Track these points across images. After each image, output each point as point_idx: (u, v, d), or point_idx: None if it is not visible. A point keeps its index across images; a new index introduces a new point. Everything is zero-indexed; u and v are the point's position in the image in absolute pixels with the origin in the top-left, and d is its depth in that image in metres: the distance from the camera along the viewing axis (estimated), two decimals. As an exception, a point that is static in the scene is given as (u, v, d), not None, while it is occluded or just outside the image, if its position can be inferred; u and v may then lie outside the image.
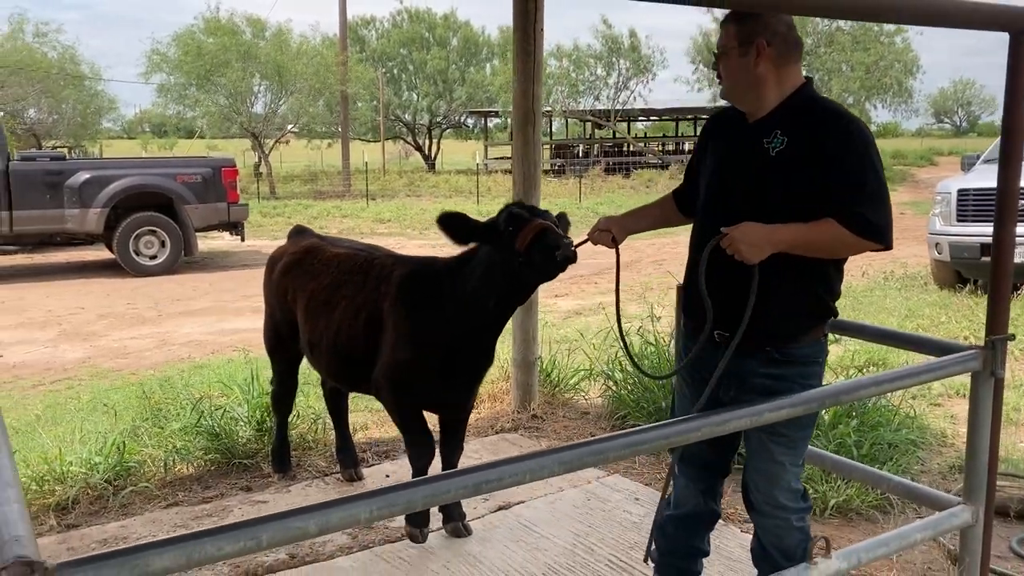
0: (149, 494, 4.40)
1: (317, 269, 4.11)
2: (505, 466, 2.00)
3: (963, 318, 8.60)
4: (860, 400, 4.58)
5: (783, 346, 2.65)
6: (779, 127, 2.59)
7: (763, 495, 2.80)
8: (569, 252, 2.99)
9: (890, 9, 2.44)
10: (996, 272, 2.96)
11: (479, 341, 3.55)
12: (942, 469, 4.74)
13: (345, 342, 3.84)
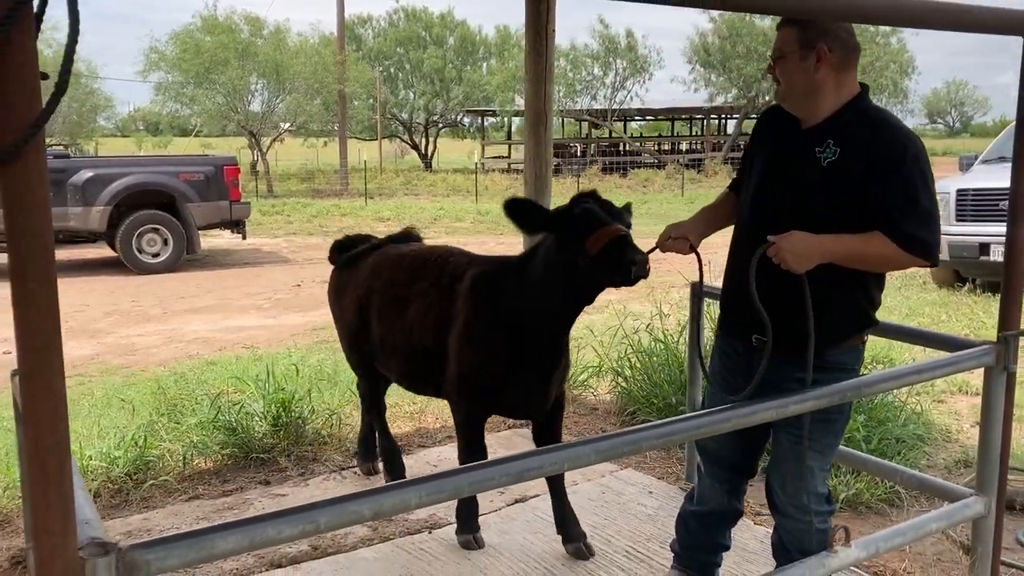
0: (169, 487, 4.46)
1: (386, 270, 4.00)
2: (544, 455, 2.08)
3: (963, 316, 8.70)
4: (880, 393, 4.66)
5: (821, 352, 2.63)
6: (832, 137, 2.58)
7: (789, 498, 2.84)
8: (644, 271, 2.83)
9: (907, 14, 2.51)
10: (1009, 270, 3.03)
11: (545, 340, 3.33)
12: (948, 464, 4.82)
13: (416, 342, 3.71)
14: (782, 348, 2.61)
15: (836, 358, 2.71)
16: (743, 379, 2.77)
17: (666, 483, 4.47)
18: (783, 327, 2.59)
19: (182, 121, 37.20)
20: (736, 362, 2.88)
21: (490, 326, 3.38)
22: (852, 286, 2.65)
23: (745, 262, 2.64)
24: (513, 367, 3.36)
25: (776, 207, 2.67)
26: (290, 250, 16.48)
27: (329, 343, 8.22)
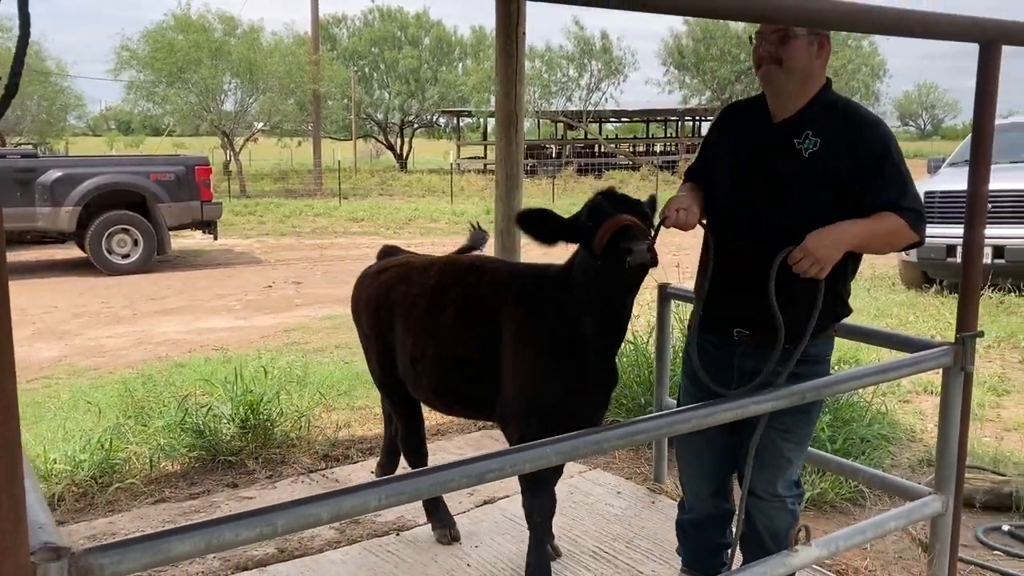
0: (135, 490, 4.43)
1: (416, 277, 3.61)
2: (506, 456, 2.08)
3: (930, 317, 8.82)
4: (842, 394, 4.72)
5: (800, 344, 2.69)
6: (809, 128, 2.64)
7: (766, 487, 2.90)
8: (644, 257, 2.55)
9: (870, 21, 2.55)
10: (966, 273, 3.09)
11: (599, 353, 3.06)
12: (912, 463, 4.89)
13: (454, 353, 3.37)
14: (766, 341, 2.67)
15: (815, 349, 2.77)
16: (720, 373, 2.82)
17: (634, 483, 4.49)
18: (767, 321, 2.64)
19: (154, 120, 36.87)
20: (713, 356, 2.90)
21: (545, 343, 3.08)
22: (834, 275, 2.68)
23: (726, 257, 2.70)
24: (573, 386, 3.06)
25: (754, 199, 2.70)
26: (262, 251, 16.38)
27: (300, 345, 8.20)
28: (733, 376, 2.85)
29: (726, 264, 2.80)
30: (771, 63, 2.65)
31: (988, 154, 2.97)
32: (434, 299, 3.46)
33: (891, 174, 2.62)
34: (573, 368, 3.04)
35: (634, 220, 2.67)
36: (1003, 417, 5.75)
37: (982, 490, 4.29)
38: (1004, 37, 2.80)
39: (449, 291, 3.44)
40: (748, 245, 2.72)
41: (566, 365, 3.04)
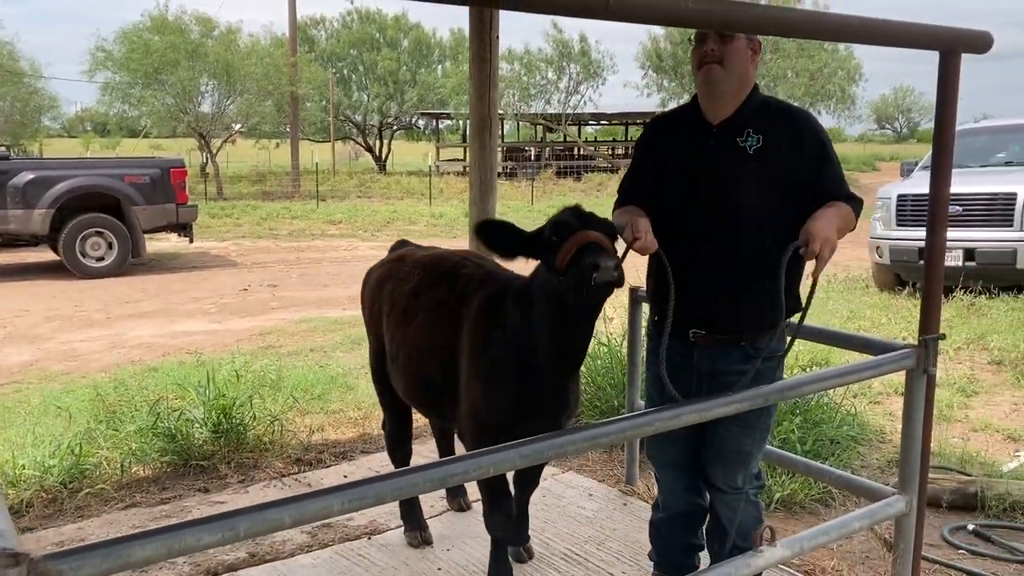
0: (106, 496, 4.40)
1: (403, 275, 3.60)
2: (469, 460, 2.10)
3: (902, 319, 8.91)
4: (804, 396, 4.76)
5: (756, 340, 2.81)
6: (749, 127, 2.73)
7: (727, 480, 2.97)
8: (610, 275, 2.42)
9: (836, 30, 2.60)
10: (929, 275, 3.14)
11: (549, 378, 2.93)
12: (881, 464, 4.95)
13: (419, 360, 3.36)
14: (722, 339, 2.77)
15: (772, 344, 2.83)
16: (681, 376, 2.85)
17: (607, 486, 4.52)
18: (723, 319, 2.72)
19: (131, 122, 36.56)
20: (676, 362, 2.92)
21: (494, 358, 2.99)
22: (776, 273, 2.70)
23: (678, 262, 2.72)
24: (519, 408, 2.96)
25: (702, 202, 2.76)
26: (238, 253, 16.30)
27: (274, 348, 8.17)
28: (693, 378, 2.89)
29: (679, 268, 2.79)
30: (713, 62, 2.71)
31: (949, 158, 3.04)
32: (411, 303, 3.46)
33: (833, 166, 2.78)
34: (522, 392, 2.94)
35: (601, 236, 2.57)
36: (971, 418, 5.83)
37: (948, 490, 4.35)
38: (963, 45, 2.86)
39: (423, 296, 3.42)
40: (700, 247, 2.78)
41: (515, 389, 2.94)
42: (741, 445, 2.90)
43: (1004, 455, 5.14)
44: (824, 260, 2.54)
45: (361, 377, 6.81)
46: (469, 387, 3.11)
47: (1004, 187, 10.07)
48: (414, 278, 3.53)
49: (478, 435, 3.08)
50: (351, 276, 12.82)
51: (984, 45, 2.92)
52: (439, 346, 3.26)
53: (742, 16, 2.31)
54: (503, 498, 3.21)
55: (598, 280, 2.42)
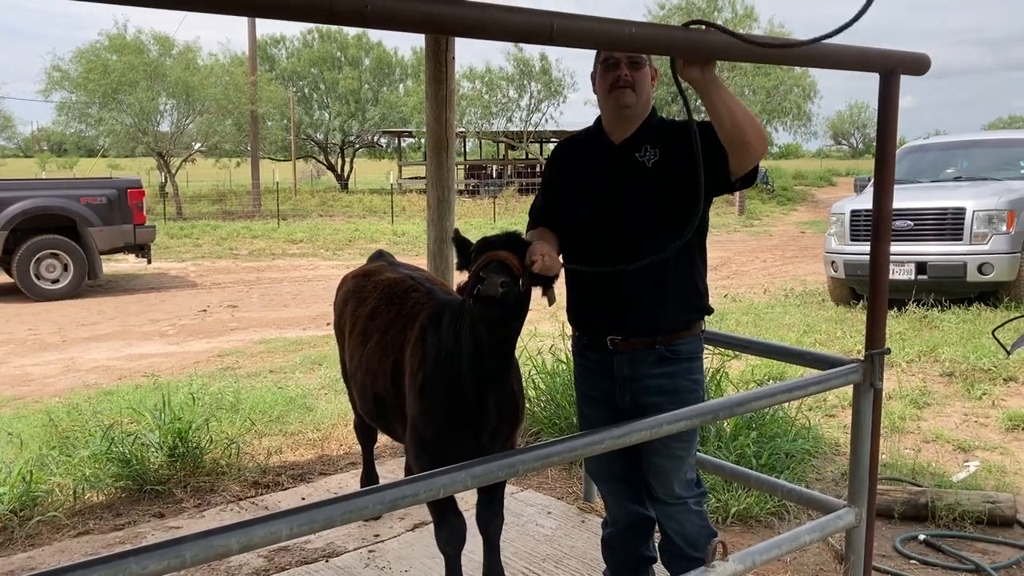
0: (58, 523, 4.33)
1: (364, 295, 3.76)
2: (420, 482, 2.11)
3: (857, 332, 9.05)
4: (755, 411, 4.83)
5: (672, 342, 2.90)
6: (647, 143, 2.86)
7: (664, 488, 3.01)
8: (494, 290, 2.46)
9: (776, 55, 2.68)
10: (873, 291, 3.21)
11: (477, 393, 2.93)
12: (835, 476, 5.02)
13: (372, 382, 3.48)
14: (636, 342, 2.88)
15: (685, 346, 2.94)
16: (604, 389, 2.98)
17: (565, 503, 4.53)
18: (636, 323, 2.85)
19: (89, 142, 36.11)
20: (596, 371, 3.04)
21: (429, 375, 3.05)
22: (692, 272, 2.92)
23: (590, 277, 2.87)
24: (453, 422, 3.01)
25: (609, 215, 2.86)
26: (197, 274, 16.12)
27: (233, 370, 8.09)
28: (616, 388, 2.97)
29: (592, 283, 2.94)
30: (626, 87, 2.83)
31: (892, 175, 3.12)
32: (367, 324, 3.61)
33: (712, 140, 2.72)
34: (450, 407, 2.98)
35: (508, 255, 2.60)
36: (922, 429, 5.94)
37: (900, 501, 4.42)
38: (902, 67, 2.95)
39: (378, 318, 3.57)
40: (606, 257, 2.85)
41: (443, 403, 3.00)
42: (670, 451, 2.95)
43: (954, 465, 5.24)
44: None
45: (320, 398, 6.78)
46: (409, 403, 3.21)
47: (954, 202, 10.32)
48: (372, 301, 3.70)
49: (417, 449, 3.16)
50: (312, 296, 12.76)
51: (921, 67, 3.01)
52: (389, 366, 3.38)
53: (686, 41, 2.37)
54: (451, 515, 3.24)
55: (481, 293, 2.49)
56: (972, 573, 3.87)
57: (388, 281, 3.75)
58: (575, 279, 3.01)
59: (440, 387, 3.02)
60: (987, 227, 10.02)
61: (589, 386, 3.11)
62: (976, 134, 14.10)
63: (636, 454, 3.05)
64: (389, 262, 4.13)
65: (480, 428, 3.03)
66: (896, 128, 3.11)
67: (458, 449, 2.97)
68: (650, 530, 3.26)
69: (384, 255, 4.28)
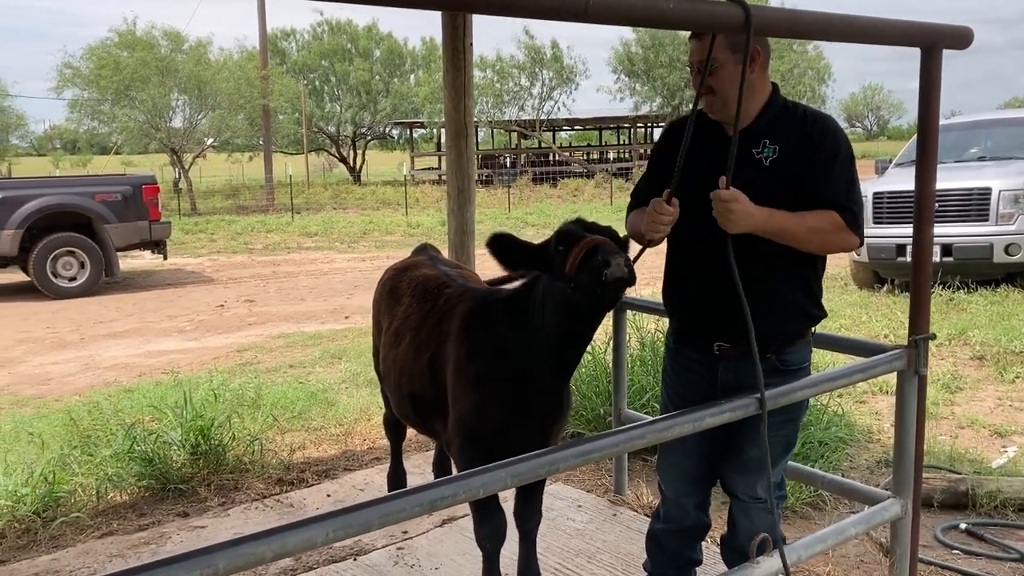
0: (81, 524, 4.27)
1: (400, 292, 3.70)
2: (459, 482, 2.02)
3: (882, 317, 8.92)
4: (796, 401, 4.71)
5: (782, 352, 2.74)
6: (765, 137, 2.65)
7: (745, 488, 2.90)
8: (622, 271, 2.43)
9: (816, 29, 2.56)
10: (916, 274, 3.10)
11: (546, 384, 2.94)
12: (870, 464, 4.91)
13: (408, 381, 3.43)
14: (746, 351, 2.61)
15: (794, 356, 2.78)
16: (701, 395, 2.78)
17: (595, 496, 4.44)
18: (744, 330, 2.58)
19: (102, 139, 36.18)
20: (696, 374, 2.88)
21: (485, 367, 3.01)
22: (807, 279, 2.74)
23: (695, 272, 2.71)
24: (512, 414, 2.97)
25: None
26: (213, 269, 16.10)
27: (253, 365, 8.04)
28: (715, 393, 2.80)
29: (697, 279, 2.79)
30: (707, 94, 2.66)
31: (934, 154, 2.99)
32: (400, 324, 3.55)
33: (839, 172, 2.64)
34: (516, 399, 2.94)
35: (606, 239, 2.60)
36: (956, 414, 5.82)
37: (939, 489, 4.31)
38: (944, 41, 2.82)
39: (411, 318, 3.50)
40: (718, 260, 2.67)
41: (507, 396, 2.95)
42: (759, 454, 2.81)
43: (992, 451, 5.12)
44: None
45: (342, 392, 6.71)
46: (456, 399, 3.11)
47: (979, 182, 10.13)
48: (405, 299, 3.63)
49: (464, 444, 3.09)
50: (329, 289, 12.70)
51: (964, 40, 2.89)
52: (425, 364, 3.30)
53: (726, 16, 2.26)
54: (492, 510, 3.16)
55: (610, 276, 2.44)
56: (1017, 562, 3.76)
57: (422, 278, 3.66)
58: (678, 272, 2.86)
59: (502, 382, 2.95)
60: (1014, 207, 9.84)
61: (684, 387, 2.92)
62: (997, 113, 13.88)
63: (714, 457, 2.94)
64: (431, 256, 3.98)
65: (537, 423, 3.01)
66: (939, 105, 2.98)
67: (510, 444, 2.89)
68: (703, 536, 3.15)
69: (428, 249, 4.12)
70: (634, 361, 5.46)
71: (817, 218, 2.60)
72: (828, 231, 2.61)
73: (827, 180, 2.62)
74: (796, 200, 2.61)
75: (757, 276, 2.59)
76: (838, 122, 2.78)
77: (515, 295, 3.00)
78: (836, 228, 2.61)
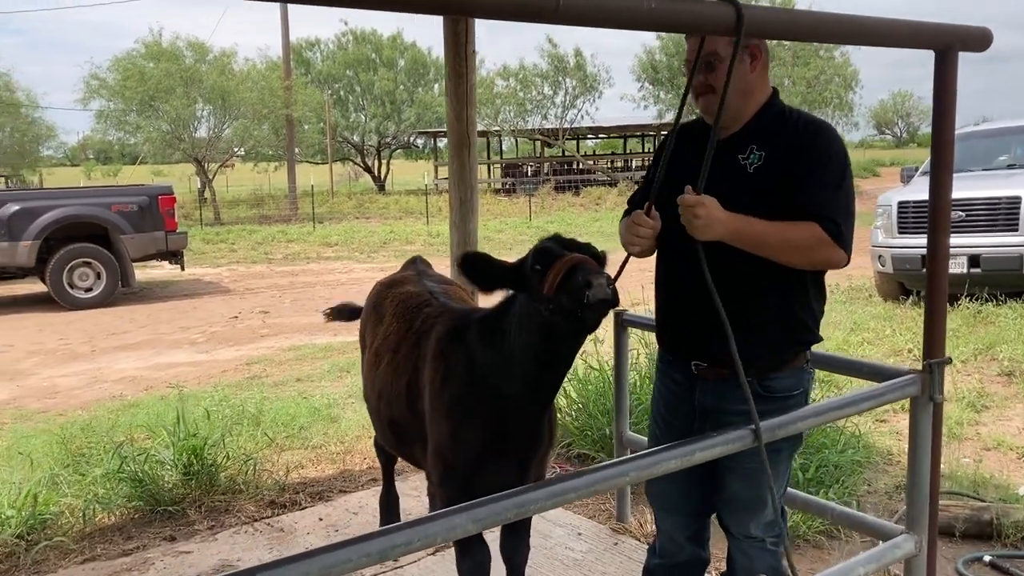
0: (65, 548, 4.14)
1: (383, 309, 3.52)
2: (413, 529, 1.84)
3: (907, 330, 8.63)
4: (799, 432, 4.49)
5: (765, 377, 2.54)
6: (754, 142, 2.50)
7: (738, 527, 2.73)
8: (604, 292, 2.24)
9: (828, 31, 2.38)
10: (931, 293, 2.88)
11: (524, 412, 2.74)
12: (889, 489, 4.67)
13: (387, 406, 3.27)
14: (723, 371, 2.51)
15: (781, 382, 2.58)
16: (684, 417, 2.65)
17: (596, 523, 4.25)
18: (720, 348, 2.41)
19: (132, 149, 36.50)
20: (678, 396, 2.72)
21: (460, 392, 2.82)
22: (794, 300, 2.54)
23: (681, 282, 2.55)
24: (490, 443, 2.78)
25: None
26: (231, 280, 16.07)
27: (260, 379, 7.92)
28: (695, 416, 2.65)
29: (678, 293, 2.63)
30: (707, 92, 2.51)
31: (949, 163, 2.79)
32: (381, 344, 3.39)
33: (826, 180, 2.46)
34: (492, 428, 2.75)
35: (586, 258, 2.41)
36: (982, 435, 5.55)
37: (961, 518, 4.07)
38: (960, 43, 2.62)
39: (390, 337, 3.34)
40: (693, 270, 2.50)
41: (483, 425, 2.76)
42: (750, 491, 2.63)
43: (1020, 476, 4.86)
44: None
45: (346, 408, 6.57)
46: (432, 427, 2.93)
47: (1008, 191, 9.81)
48: (387, 316, 3.46)
49: (443, 477, 2.90)
50: (344, 299, 12.51)
51: (983, 42, 2.68)
52: (403, 388, 3.13)
53: (715, 17, 2.08)
54: (474, 545, 2.96)
55: (592, 298, 2.24)
56: (1045, 600, 3.52)
57: (404, 295, 3.49)
58: (661, 287, 2.72)
59: (476, 408, 2.77)
60: (1045, 216, 9.51)
61: (668, 411, 2.78)
62: (1028, 120, 13.47)
63: (707, 487, 2.76)
64: (418, 271, 3.80)
65: (518, 453, 2.81)
66: (955, 112, 2.76)
67: (491, 477, 2.74)
68: (701, 571, 2.95)
69: (417, 262, 3.97)
70: (643, 379, 5.27)
71: (797, 229, 2.41)
72: (809, 244, 2.41)
73: (812, 188, 2.44)
74: (780, 211, 2.42)
75: (736, 291, 2.41)
76: (836, 130, 2.59)
77: (490, 315, 2.81)
78: (818, 241, 2.41)
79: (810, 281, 2.59)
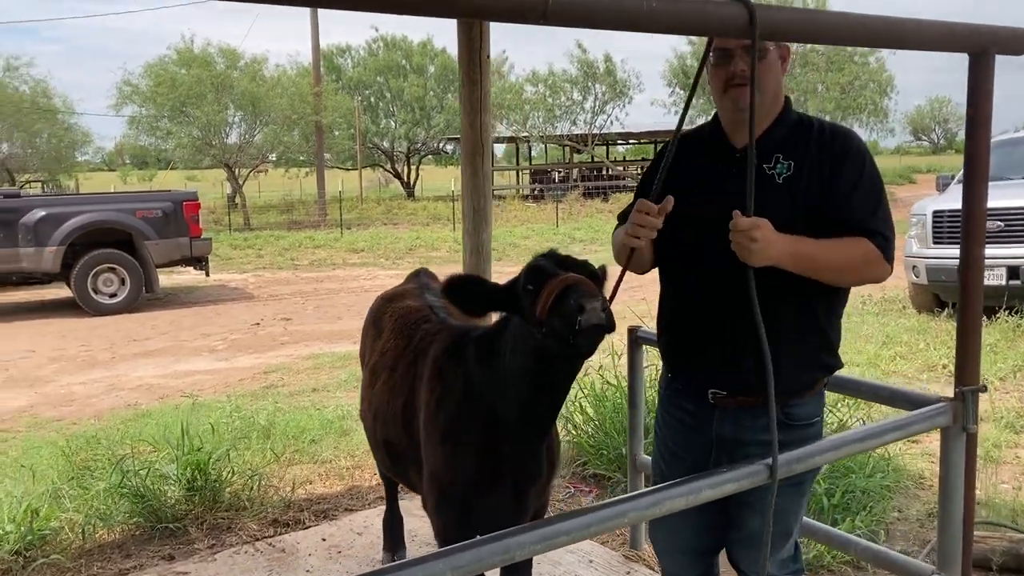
0: (62, 567, 4.04)
1: (382, 325, 3.39)
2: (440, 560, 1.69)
3: (941, 344, 8.33)
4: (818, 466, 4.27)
5: (788, 405, 2.37)
6: (778, 151, 2.31)
7: (752, 565, 2.55)
8: (598, 317, 2.08)
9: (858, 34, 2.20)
10: (964, 308, 2.66)
11: (520, 438, 2.58)
12: (920, 516, 4.44)
13: (382, 427, 3.14)
14: (745, 400, 2.35)
15: (803, 409, 2.41)
16: (697, 450, 2.47)
17: (608, 549, 4.07)
18: (743, 376, 2.29)
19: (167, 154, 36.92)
20: (690, 427, 2.53)
21: (455, 415, 2.67)
22: (820, 324, 2.38)
23: (696, 300, 2.37)
24: (486, 470, 2.62)
25: (725, 238, 2.19)
26: (256, 286, 16.05)
27: (276, 388, 7.82)
28: (712, 447, 2.46)
29: (691, 316, 2.43)
30: (744, 84, 2.25)
31: (984, 171, 2.57)
32: (378, 361, 3.27)
33: (867, 192, 2.30)
34: (487, 455, 2.59)
35: (582, 278, 2.23)
36: (1022, 459, 5.28)
37: (999, 550, 3.82)
38: (996, 45, 2.41)
39: (387, 354, 3.21)
40: (719, 292, 2.33)
41: (477, 450, 2.60)
42: (766, 528, 2.43)
43: (1061, 504, 4.60)
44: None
45: (358, 420, 6.41)
46: (427, 449, 2.78)
47: (1049, 200, 9.47)
48: (385, 332, 3.33)
49: (439, 505, 2.75)
50: (366, 306, 12.34)
51: (1021, 45, 2.47)
52: (399, 409, 2.99)
53: (724, 18, 1.90)
54: None
55: (584, 323, 2.08)
56: (1088, 642, 3.28)
57: (404, 310, 3.35)
58: (670, 311, 2.52)
59: (471, 432, 2.62)
60: (1087, 226, 9.16)
61: (676, 442, 2.58)
62: (1071, 126, 13.07)
63: (715, 528, 2.59)
64: (421, 285, 3.64)
65: (517, 481, 2.65)
66: (990, 118, 2.55)
67: (490, 505, 2.60)
68: None
69: (421, 275, 3.81)
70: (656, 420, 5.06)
71: (849, 247, 2.24)
72: (862, 261, 2.26)
73: (856, 201, 2.27)
74: (815, 224, 2.24)
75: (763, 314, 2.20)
76: (861, 137, 2.42)
77: (487, 334, 2.66)
78: (871, 258, 2.26)
79: (836, 301, 2.42)
